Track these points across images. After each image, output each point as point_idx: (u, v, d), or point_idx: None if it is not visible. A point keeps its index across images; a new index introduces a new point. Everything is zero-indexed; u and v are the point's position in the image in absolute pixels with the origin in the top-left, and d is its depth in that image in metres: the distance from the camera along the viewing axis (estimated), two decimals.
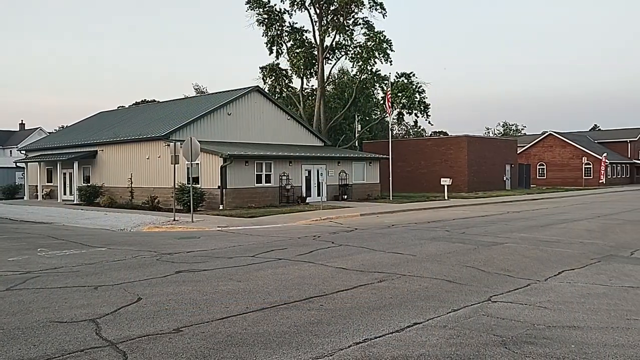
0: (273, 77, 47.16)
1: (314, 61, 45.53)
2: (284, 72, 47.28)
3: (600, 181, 59.59)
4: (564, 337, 6.35)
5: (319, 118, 44.52)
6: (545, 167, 66.17)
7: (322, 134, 41.89)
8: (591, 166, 62.12)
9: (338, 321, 6.96)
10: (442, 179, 36.42)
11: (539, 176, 65.02)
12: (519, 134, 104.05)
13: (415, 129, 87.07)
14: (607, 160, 60.87)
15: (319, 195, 29.82)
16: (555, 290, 8.89)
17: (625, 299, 8.30)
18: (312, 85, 49.71)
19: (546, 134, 67.72)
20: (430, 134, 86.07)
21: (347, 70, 53.40)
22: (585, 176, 61.98)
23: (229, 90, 35.75)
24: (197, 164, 26.80)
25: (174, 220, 21.04)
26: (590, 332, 6.56)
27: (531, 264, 11.28)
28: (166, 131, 29.55)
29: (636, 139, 73.19)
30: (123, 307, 7.68)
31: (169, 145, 24.40)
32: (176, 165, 21.74)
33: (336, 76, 55.24)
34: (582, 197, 39.11)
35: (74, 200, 33.64)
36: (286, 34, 45.59)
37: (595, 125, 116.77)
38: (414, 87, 43.84)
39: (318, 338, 6.27)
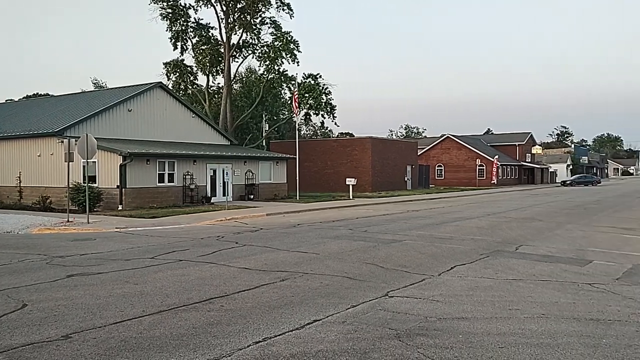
0: (177, 74, 45.93)
1: (220, 59, 44.86)
2: (189, 68, 46.20)
3: (492, 182, 63.77)
4: (453, 328, 6.72)
5: (225, 116, 43.91)
6: (443, 168, 69.74)
7: (229, 133, 41.36)
8: (484, 167, 66.32)
9: (238, 321, 6.91)
10: (347, 179, 37.25)
11: (437, 177, 68.43)
12: (420, 136, 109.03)
13: (323, 130, 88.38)
14: (498, 162, 65.26)
15: (224, 195, 29.40)
16: (447, 284, 9.39)
17: (508, 290, 8.94)
18: (219, 83, 49.04)
19: (444, 136, 71.44)
20: (337, 135, 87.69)
21: (255, 69, 53.15)
22: (478, 177, 66.07)
23: (130, 86, 34.26)
24: (94, 162, 25.49)
25: (68, 221, 19.85)
26: (476, 322, 6.99)
27: (426, 260, 11.83)
28: (60, 127, 27.79)
29: (524, 142, 79.18)
30: (5, 315, 7.14)
31: (62, 142, 22.99)
32: (71, 163, 20.53)
33: (243, 75, 54.83)
34: (475, 197, 41.62)
35: None
36: (191, 29, 44.58)
37: (489, 129, 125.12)
38: (321, 88, 44.51)
39: (217, 339, 6.18)
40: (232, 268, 10.63)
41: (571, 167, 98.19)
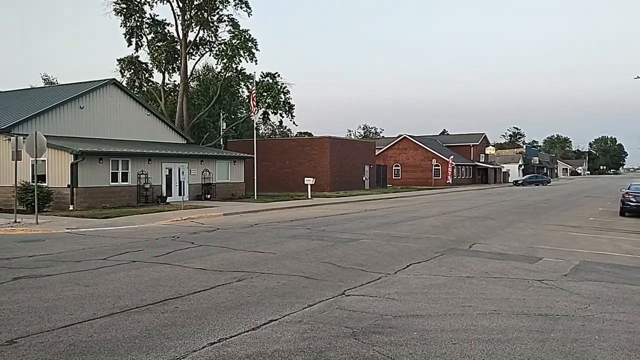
0: (132, 70, 44.90)
1: (176, 56, 44.13)
2: (144, 65, 45.20)
3: (448, 181, 65.02)
4: (407, 325, 6.81)
5: (181, 115, 43.22)
6: (400, 168, 70.65)
7: (185, 132, 40.71)
8: (440, 167, 67.56)
9: (193, 322, 6.81)
10: (305, 179, 37.26)
11: (394, 176, 69.25)
12: (378, 136, 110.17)
13: (281, 129, 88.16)
14: (453, 163, 66.61)
15: (180, 194, 28.91)
16: (403, 282, 9.51)
17: (461, 287, 9.13)
18: (175, 81, 48.24)
19: (401, 137, 72.38)
20: (296, 135, 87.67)
21: (212, 67, 52.49)
22: (434, 177, 67.23)
23: (82, 82, 33.25)
24: (44, 160, 24.60)
25: (15, 222, 19.10)
26: (430, 319, 7.11)
27: (383, 259, 11.96)
28: (7, 124, 26.72)
29: (478, 143, 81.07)
30: None
31: (9, 139, 22.08)
32: (18, 162, 19.76)
33: (200, 72, 54.02)
34: (431, 196, 42.36)
35: None
36: (147, 26, 43.67)
37: (444, 130, 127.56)
38: (279, 87, 44.36)
39: (171, 341, 6.07)
40: (187, 269, 10.46)
41: (523, 167, 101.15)
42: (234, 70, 44.64)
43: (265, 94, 43.44)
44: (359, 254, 12.47)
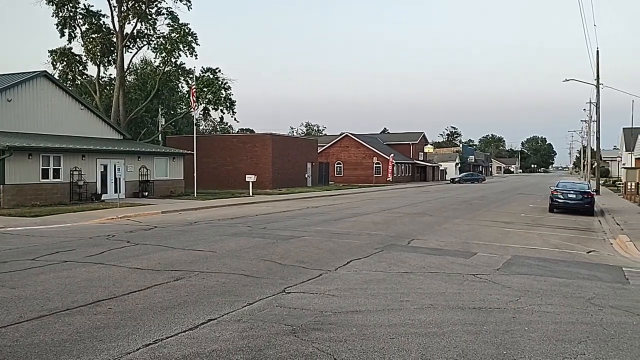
0: (65, 63, 42.93)
1: (112, 48, 42.60)
2: (77, 57, 43.34)
3: (388, 179, 66.18)
4: (347, 321, 6.87)
5: (117, 109, 41.76)
6: (342, 165, 71.31)
7: (122, 127, 39.39)
8: (381, 165, 68.66)
9: (128, 324, 6.59)
10: (247, 176, 36.93)
11: (336, 174, 69.82)
12: (320, 134, 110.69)
13: (222, 126, 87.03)
14: (393, 161, 67.84)
15: (116, 192, 27.95)
16: (343, 278, 9.59)
17: (400, 283, 9.30)
18: (111, 75, 46.63)
19: (343, 135, 73.06)
20: (237, 131, 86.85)
21: (150, 61, 51.04)
22: (375, 174, 68.25)
23: (10, 74, 31.45)
24: None
25: None
26: (369, 315, 7.20)
27: (324, 255, 12.01)
28: None
29: (417, 141, 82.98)
30: None
31: None
32: None
33: (138, 66, 52.42)
34: (372, 194, 42.99)
35: None
36: (80, 16, 41.86)
37: (385, 128, 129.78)
38: (220, 83, 43.69)
39: (103, 343, 5.85)
40: (122, 268, 10.13)
41: (460, 165, 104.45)
42: (173, 65, 43.56)
43: (205, 89, 42.65)
44: (300, 251, 12.47)
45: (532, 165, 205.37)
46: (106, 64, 44.04)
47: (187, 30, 42.08)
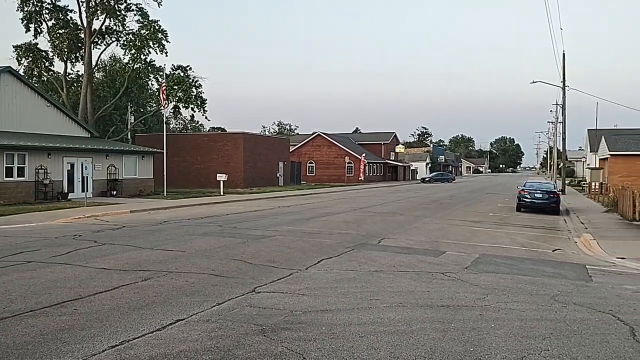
0: (30, 59, 41.91)
1: (80, 44, 41.74)
2: (44, 53, 42.33)
3: (360, 178, 66.49)
4: (317, 320, 6.87)
5: (85, 107, 40.93)
6: (314, 165, 71.35)
7: (89, 125, 38.61)
8: (353, 165, 68.94)
9: (94, 325, 6.46)
10: (218, 175, 36.65)
11: (309, 173, 69.82)
12: (292, 133, 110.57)
13: (193, 124, 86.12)
14: (365, 160, 68.21)
15: (83, 191, 27.39)
16: (314, 277, 9.60)
17: (370, 281, 9.36)
18: (78, 71, 45.66)
19: (315, 134, 73.09)
20: (208, 130, 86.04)
21: (119, 58, 50.17)
22: (347, 174, 68.51)
23: None
24: None
25: None
26: (339, 313, 7.22)
27: (295, 255, 12.00)
28: None
29: (389, 141, 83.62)
30: None
31: None
32: None
33: (106, 63, 51.46)
34: (344, 193, 43.13)
35: None
36: (47, 11, 40.91)
37: (357, 128, 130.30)
38: (191, 81, 43.23)
39: (68, 345, 5.73)
40: (89, 268, 9.93)
41: (430, 165, 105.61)
42: (143, 62, 42.93)
43: (176, 87, 42.12)
44: (271, 251, 12.44)
45: (501, 166, 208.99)
46: (73, 61, 43.16)
47: (157, 27, 41.51)
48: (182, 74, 43.18)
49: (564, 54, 44.48)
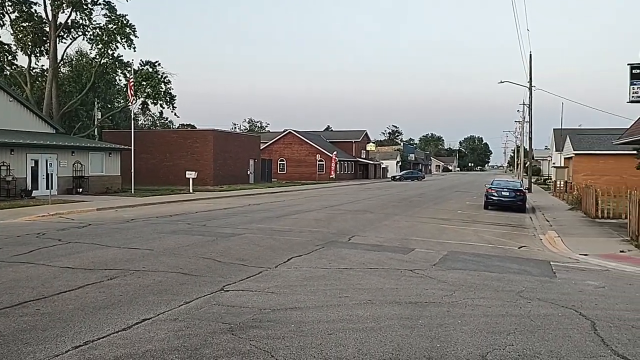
0: None
1: (45, 38, 40.66)
2: (6, 47, 41.11)
3: (331, 176, 66.63)
4: (286, 318, 6.85)
5: (50, 102, 39.91)
6: (285, 162, 71.19)
7: (54, 120, 37.69)
8: (324, 163, 69.05)
9: (57, 325, 6.31)
10: (187, 173, 36.25)
11: (280, 171, 69.65)
12: (263, 130, 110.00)
13: (162, 121, 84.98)
14: (336, 158, 68.36)
15: (48, 188, 26.74)
16: (283, 275, 9.57)
17: (339, 279, 9.38)
18: (43, 66, 44.45)
19: (287, 131, 72.94)
20: (178, 127, 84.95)
21: (86, 53, 49.04)
22: (319, 172, 68.60)
23: None
24: None
25: None
26: (308, 311, 7.21)
27: (265, 253, 11.95)
28: None
29: (360, 139, 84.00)
30: None
31: None
32: None
33: (73, 58, 50.26)
34: (315, 191, 43.17)
35: None
36: (10, 3, 39.71)
37: (329, 126, 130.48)
38: (160, 76, 42.61)
39: (30, 346, 5.58)
40: (52, 268, 9.69)
41: (400, 163, 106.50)
42: (110, 57, 42.08)
43: (144, 83, 41.42)
44: (241, 249, 12.36)
45: (469, 164, 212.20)
46: (38, 55, 42.01)
47: (124, 22, 40.72)
48: (150, 69, 42.51)
49: (530, 55, 45.45)
